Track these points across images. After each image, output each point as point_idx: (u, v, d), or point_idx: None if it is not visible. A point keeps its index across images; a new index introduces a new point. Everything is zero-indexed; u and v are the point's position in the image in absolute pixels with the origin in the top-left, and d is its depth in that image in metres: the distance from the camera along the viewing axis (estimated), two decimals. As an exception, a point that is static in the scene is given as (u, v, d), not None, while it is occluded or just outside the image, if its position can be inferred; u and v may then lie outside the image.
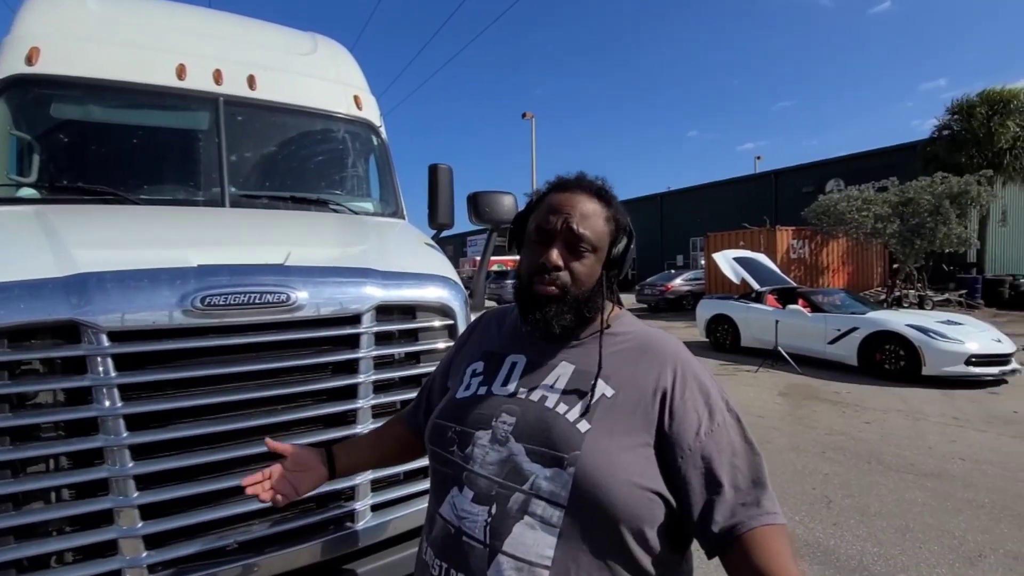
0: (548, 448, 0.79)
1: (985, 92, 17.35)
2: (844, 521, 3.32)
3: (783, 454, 4.55)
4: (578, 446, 0.77)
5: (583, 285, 0.87)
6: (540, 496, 0.77)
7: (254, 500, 1.33)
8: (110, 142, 2.31)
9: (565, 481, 0.76)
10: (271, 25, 3.13)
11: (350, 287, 1.50)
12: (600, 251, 0.88)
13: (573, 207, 0.87)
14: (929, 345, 6.88)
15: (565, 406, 0.83)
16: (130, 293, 1.22)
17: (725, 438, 0.80)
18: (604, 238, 0.88)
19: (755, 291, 9.52)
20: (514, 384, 0.89)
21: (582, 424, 0.80)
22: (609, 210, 0.90)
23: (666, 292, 18.61)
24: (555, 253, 0.85)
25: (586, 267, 0.87)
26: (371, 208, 2.84)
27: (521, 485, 0.78)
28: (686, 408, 0.81)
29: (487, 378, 0.92)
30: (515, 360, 0.92)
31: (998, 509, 3.44)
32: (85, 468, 1.19)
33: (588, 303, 0.88)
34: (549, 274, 0.85)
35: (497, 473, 0.81)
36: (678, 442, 0.79)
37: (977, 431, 5.05)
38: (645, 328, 0.94)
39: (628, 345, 0.89)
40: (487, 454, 0.83)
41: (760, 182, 28.13)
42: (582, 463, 0.76)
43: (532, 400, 0.85)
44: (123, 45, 2.32)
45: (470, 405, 0.90)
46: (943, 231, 13.55)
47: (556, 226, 0.86)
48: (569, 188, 0.90)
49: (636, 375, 0.85)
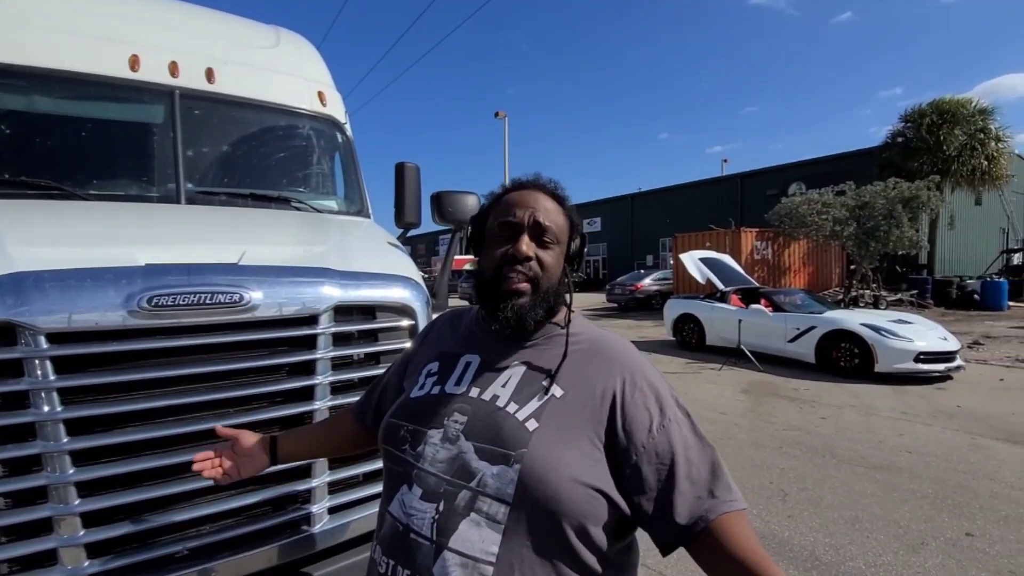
0: (496, 446, 0.80)
1: (935, 101, 18.25)
2: (799, 513, 3.44)
3: (744, 449, 4.69)
4: (525, 444, 0.79)
5: (552, 277, 0.89)
6: (486, 493, 0.78)
7: (205, 505, 1.32)
8: (57, 135, 2.21)
9: (511, 478, 0.77)
10: (232, 17, 3.04)
11: (307, 287, 1.48)
12: (563, 244, 0.91)
13: (536, 201, 0.89)
14: (881, 343, 7.19)
15: (516, 405, 0.84)
16: (71, 293, 1.18)
17: (677, 433, 0.82)
18: (565, 232, 0.92)
19: (720, 291, 9.76)
20: (467, 384, 0.90)
21: (531, 423, 0.81)
22: (565, 208, 0.93)
23: (635, 291, 18.91)
24: (526, 242, 0.86)
25: (553, 258, 0.89)
26: (335, 206, 2.80)
27: (468, 482, 0.79)
28: (637, 407, 0.83)
29: (441, 378, 0.93)
30: (469, 360, 0.93)
31: (939, 499, 3.63)
32: (22, 475, 1.14)
33: (556, 297, 0.90)
34: (521, 264, 0.86)
35: (446, 471, 0.82)
36: (631, 440, 0.80)
37: (924, 425, 5.32)
38: (596, 330, 0.95)
39: (579, 347, 0.90)
40: (437, 452, 0.84)
41: (727, 184, 28.88)
42: (528, 460, 0.77)
43: (484, 399, 0.86)
44: (72, 34, 2.22)
45: (423, 404, 0.90)
46: (896, 234, 14.19)
47: (523, 219, 0.87)
48: (528, 186, 0.93)
49: (586, 376, 0.86)
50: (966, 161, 17.43)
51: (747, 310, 9.00)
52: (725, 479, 0.82)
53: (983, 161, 17.48)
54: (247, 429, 1.12)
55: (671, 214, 29.46)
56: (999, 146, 17.80)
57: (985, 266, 20.94)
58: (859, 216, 14.88)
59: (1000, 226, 23.80)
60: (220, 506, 1.33)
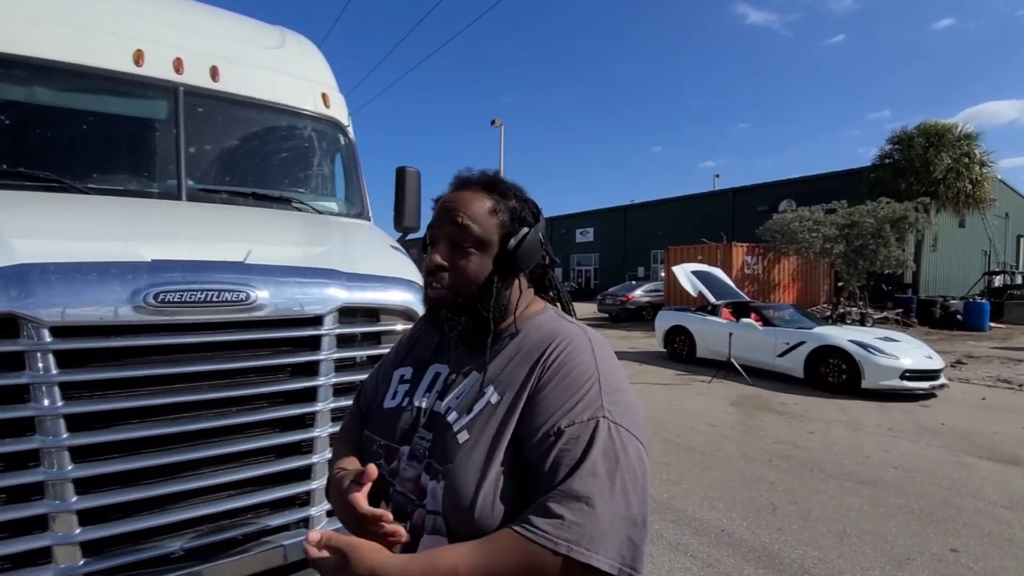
0: (436, 462, 0.77)
1: (922, 125, 18.65)
2: (788, 526, 3.46)
3: (733, 462, 4.71)
4: (452, 458, 0.75)
5: (471, 284, 0.82)
6: (431, 510, 0.76)
7: (202, 505, 1.30)
8: (59, 127, 2.19)
9: (439, 496, 0.74)
10: (238, 16, 3.04)
11: (313, 288, 1.47)
12: (489, 246, 0.83)
13: (455, 204, 0.83)
14: (868, 360, 7.28)
15: (456, 414, 0.80)
16: (76, 287, 1.16)
17: (570, 446, 0.70)
18: (492, 231, 0.83)
19: (711, 304, 9.83)
20: (433, 396, 0.86)
21: (462, 435, 0.77)
22: (502, 202, 0.85)
23: (627, 302, 18.97)
24: (436, 255, 0.82)
25: (472, 263, 0.82)
26: (336, 208, 2.80)
27: (422, 501, 0.77)
28: (544, 403, 0.74)
29: (411, 387, 0.90)
30: (438, 370, 0.90)
31: (925, 514, 3.67)
32: (19, 471, 1.12)
33: (482, 302, 0.82)
34: (433, 275, 0.82)
35: (412, 490, 0.79)
36: (529, 436, 0.72)
37: (909, 441, 5.38)
38: (557, 326, 0.84)
39: (526, 345, 0.82)
40: (406, 470, 0.81)
41: (718, 199, 29.19)
42: (449, 476, 0.74)
43: (440, 412, 0.83)
44: (77, 27, 2.21)
45: (394, 417, 0.88)
46: (883, 253, 14.41)
47: (438, 225, 0.83)
48: (458, 186, 0.87)
49: (517, 374, 0.79)
50: (951, 184, 17.79)
51: (738, 324, 9.07)
52: (576, 507, 0.65)
53: (968, 185, 17.84)
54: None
55: (663, 227, 29.69)
56: (983, 171, 18.18)
57: (968, 287, 21.33)
58: (848, 235, 15.10)
59: (983, 248, 24.29)
60: (218, 507, 1.31)
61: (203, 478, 1.29)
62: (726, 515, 3.64)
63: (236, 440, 1.35)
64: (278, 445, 1.42)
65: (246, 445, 1.35)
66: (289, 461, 1.43)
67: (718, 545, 3.21)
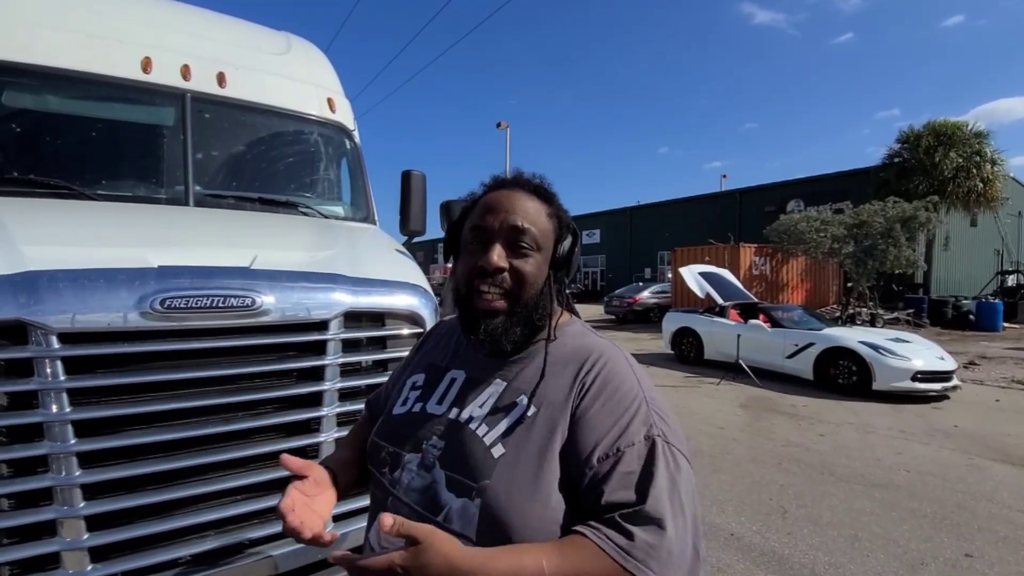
0: (463, 475, 0.72)
1: (931, 124, 18.48)
2: (798, 530, 3.42)
3: (742, 465, 4.67)
4: (488, 474, 0.70)
5: (530, 288, 0.78)
6: (451, 529, 0.69)
7: (209, 510, 1.30)
8: (67, 134, 2.22)
9: (472, 514, 0.69)
10: (244, 22, 3.07)
11: (319, 293, 1.48)
12: (545, 250, 0.80)
13: (512, 203, 0.79)
14: (879, 361, 7.20)
15: (486, 427, 0.75)
16: (84, 293, 1.17)
17: (625, 468, 0.68)
18: (549, 235, 0.81)
19: (719, 305, 9.77)
20: (448, 403, 0.82)
21: (496, 448, 0.72)
22: (551, 207, 0.83)
23: (634, 304, 18.92)
24: (496, 252, 0.76)
25: (532, 266, 0.78)
26: (342, 212, 2.81)
27: (436, 516, 0.72)
28: (593, 424, 0.71)
29: (424, 393, 0.86)
30: (455, 376, 0.86)
31: (938, 519, 3.61)
32: (28, 476, 1.13)
33: (537, 310, 0.79)
34: (492, 277, 0.76)
35: (418, 502, 0.75)
36: (578, 460, 0.69)
37: (921, 444, 5.31)
38: (590, 340, 0.84)
39: (561, 356, 0.80)
40: (412, 480, 0.77)
41: (725, 200, 29.06)
42: (489, 494, 0.69)
43: (460, 421, 0.78)
44: (85, 35, 2.23)
45: (404, 424, 0.84)
46: (893, 253, 14.27)
47: (494, 224, 0.78)
48: (506, 186, 0.83)
49: (557, 388, 0.76)
50: (962, 183, 17.60)
51: (746, 325, 9.00)
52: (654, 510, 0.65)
53: (978, 183, 17.65)
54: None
55: (670, 228, 29.59)
56: (994, 169, 17.98)
57: (980, 287, 21.07)
58: (857, 235, 14.97)
59: (995, 247, 23.99)
60: (225, 512, 1.32)
61: (210, 483, 1.30)
62: (735, 519, 3.61)
63: (243, 445, 1.35)
64: (284, 450, 1.42)
65: (252, 450, 1.36)
66: (295, 466, 1.43)
67: (727, 549, 3.18)
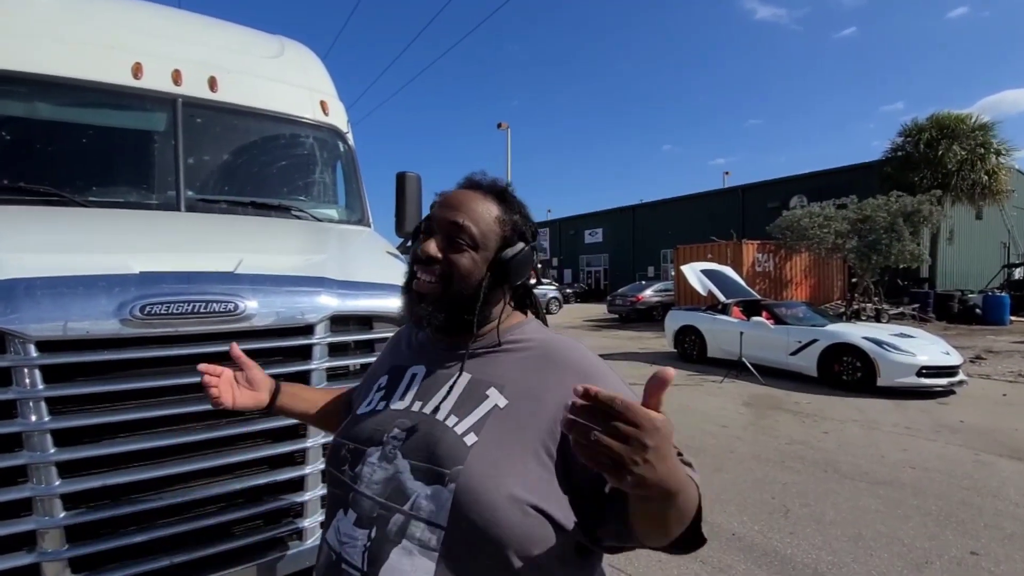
0: (432, 464, 0.73)
1: (934, 116, 18.33)
2: (801, 530, 3.39)
3: (745, 463, 4.64)
4: (462, 460, 0.71)
5: (461, 281, 0.81)
6: (419, 517, 0.71)
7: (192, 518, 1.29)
8: (58, 141, 2.22)
9: (445, 499, 0.70)
10: (236, 26, 3.06)
11: (303, 296, 1.46)
12: (485, 249, 0.82)
13: (461, 201, 0.83)
14: (884, 357, 7.14)
15: (455, 418, 0.77)
16: (63, 301, 1.16)
17: None
18: (491, 236, 0.83)
19: (721, 303, 9.73)
20: (410, 396, 0.84)
21: (469, 437, 0.74)
22: (507, 213, 0.85)
23: (637, 303, 18.86)
24: (432, 244, 0.82)
25: (467, 261, 0.81)
26: (336, 215, 2.80)
27: (402, 505, 0.73)
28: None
29: (387, 392, 0.88)
30: (415, 372, 0.88)
31: (944, 516, 3.57)
32: (6, 487, 1.12)
33: (467, 303, 0.81)
34: (426, 264, 0.82)
35: (381, 493, 0.75)
36: None
37: (927, 440, 5.26)
38: (551, 336, 0.87)
39: (530, 353, 0.83)
40: (374, 472, 0.77)
41: (728, 197, 28.93)
42: (464, 478, 0.70)
43: (425, 412, 0.80)
44: (75, 42, 2.23)
45: (366, 421, 0.85)
46: (897, 247, 14.16)
47: (437, 218, 0.83)
48: (466, 186, 0.87)
49: (535, 383, 0.78)
50: (966, 176, 17.45)
51: (749, 322, 8.95)
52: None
53: (983, 176, 17.50)
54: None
55: (673, 226, 29.51)
56: (999, 161, 17.83)
57: (986, 280, 20.89)
58: (861, 229, 14.88)
59: (1001, 240, 23.79)
60: (210, 520, 1.30)
61: (194, 491, 1.28)
62: (737, 518, 3.57)
63: (227, 452, 1.34)
64: (269, 456, 1.41)
65: (237, 457, 1.34)
66: (281, 472, 1.42)
67: (729, 549, 3.15)
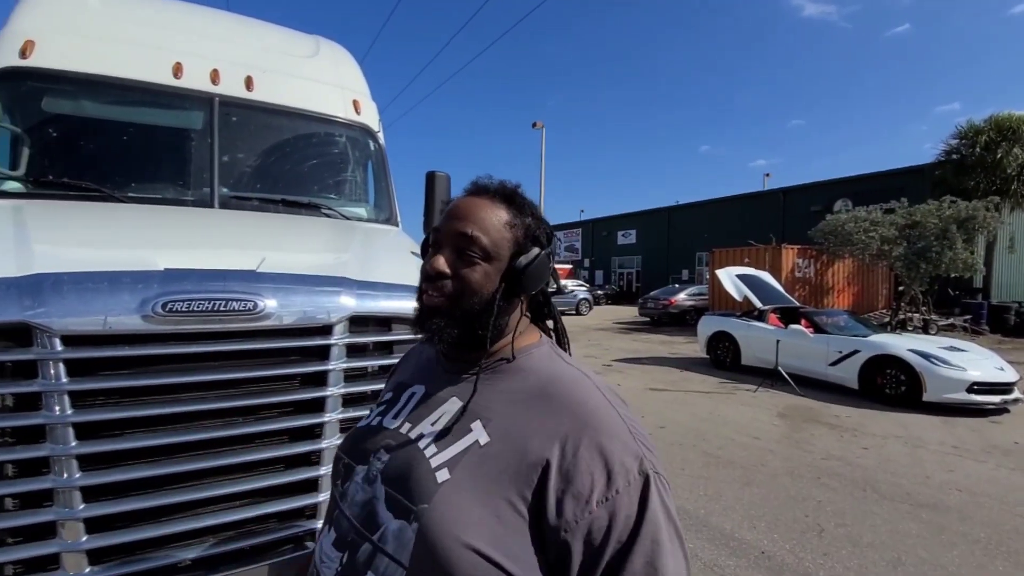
0: (402, 495, 0.69)
1: (993, 118, 17.26)
2: (835, 551, 3.23)
3: (778, 478, 4.46)
4: (428, 498, 0.67)
5: (472, 296, 0.76)
6: (385, 551, 0.68)
7: (208, 515, 1.30)
8: (101, 138, 2.29)
9: (408, 539, 0.66)
10: (274, 27, 3.12)
11: (322, 296, 1.46)
12: (497, 259, 0.77)
13: (469, 210, 0.78)
14: (931, 371, 6.78)
15: (434, 448, 0.72)
16: (87, 296, 1.18)
17: (622, 511, 0.64)
18: (503, 244, 0.78)
19: (757, 309, 9.43)
20: (403, 417, 0.80)
21: (442, 472, 0.69)
22: (518, 217, 0.80)
23: (669, 306, 18.54)
24: (440, 258, 0.76)
25: (478, 275, 0.76)
26: (364, 214, 2.81)
27: (372, 534, 0.70)
28: (578, 469, 0.65)
29: (386, 409, 0.85)
30: (415, 391, 0.84)
31: (993, 544, 3.34)
32: (28, 478, 1.15)
33: (480, 317, 0.76)
34: (434, 281, 0.77)
35: (357, 516, 0.73)
36: (562, 513, 0.64)
37: (976, 461, 4.95)
38: (559, 367, 0.79)
39: (525, 385, 0.75)
40: (356, 493, 0.75)
41: (768, 199, 28.08)
42: (427, 520, 0.65)
43: (410, 437, 0.76)
44: (120, 42, 2.31)
45: (361, 436, 0.83)
46: (949, 256, 13.42)
47: (446, 230, 0.78)
48: (473, 192, 0.82)
49: (523, 423, 0.70)
50: (1027, 181, 16.41)
51: (786, 330, 8.65)
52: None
53: (1046, 181, 16.41)
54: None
55: (709, 228, 28.84)
56: (1066, 165, 16.68)
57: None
58: (909, 236, 14.17)
59: (1066, 250, 22.27)
60: (225, 517, 1.31)
61: (210, 488, 1.29)
62: (767, 535, 3.43)
63: (244, 450, 1.34)
64: (286, 456, 1.41)
65: (254, 456, 1.35)
66: (297, 472, 1.42)
67: (757, 568, 3.02)
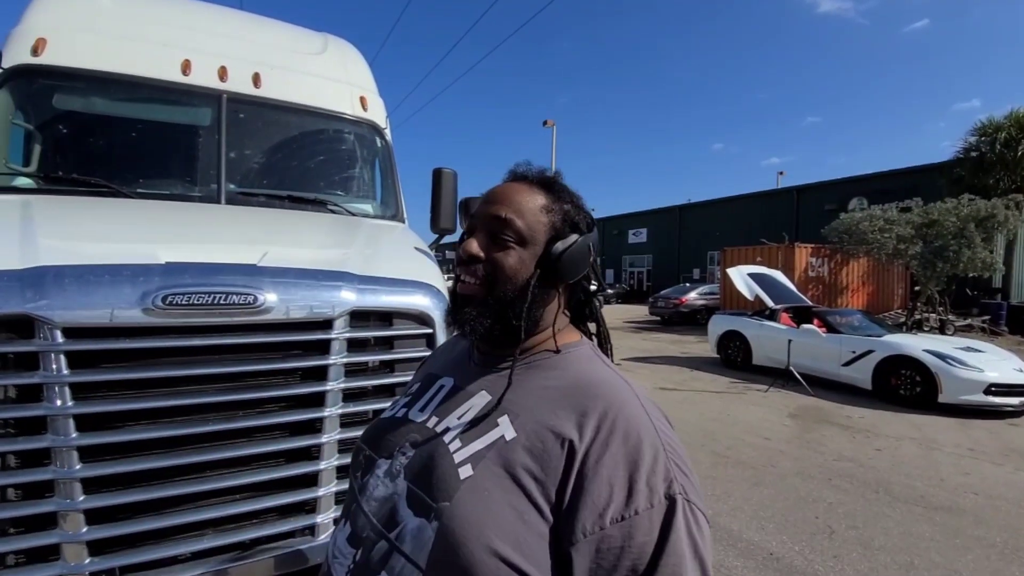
0: (424, 491, 0.66)
1: (1014, 113, 16.86)
2: (846, 554, 3.18)
3: (788, 479, 4.40)
4: (450, 496, 0.63)
5: (506, 282, 0.73)
6: (401, 551, 0.64)
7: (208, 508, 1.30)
8: (111, 135, 2.32)
9: (427, 539, 0.62)
10: (282, 24, 3.13)
11: (323, 291, 1.46)
12: (533, 244, 0.74)
13: (505, 194, 0.76)
14: (947, 372, 6.64)
15: (459, 443, 0.69)
16: (89, 289, 1.19)
17: (639, 535, 0.58)
18: (539, 229, 0.75)
19: (769, 308, 9.32)
20: (430, 410, 0.77)
21: (465, 468, 0.65)
22: (556, 203, 0.77)
23: (680, 305, 18.38)
24: (473, 242, 0.74)
25: (513, 259, 0.73)
26: (371, 210, 2.81)
27: (390, 532, 0.67)
28: (598, 475, 0.60)
29: (412, 400, 0.83)
30: (443, 383, 0.82)
31: (1010, 550, 3.26)
32: (29, 468, 1.16)
33: (514, 305, 0.73)
34: (468, 265, 0.74)
35: (376, 512, 0.70)
36: (574, 520, 0.59)
37: (993, 464, 4.84)
38: (597, 369, 0.74)
39: (561, 382, 0.71)
40: (377, 487, 0.72)
41: (781, 197, 27.71)
42: (448, 518, 0.62)
43: (437, 432, 0.73)
44: (130, 40, 2.33)
45: (385, 428, 0.80)
46: (967, 255, 13.14)
47: (479, 214, 0.76)
48: (511, 178, 0.80)
49: (551, 421, 0.66)
50: (1050, 179, 16.02)
51: (798, 330, 8.53)
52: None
53: (1070, 179, 16.01)
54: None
55: (721, 227, 28.54)
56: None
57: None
58: (926, 235, 13.91)
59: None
60: (225, 510, 1.31)
61: (210, 481, 1.30)
62: (776, 537, 3.39)
63: (243, 444, 1.35)
64: (286, 450, 1.41)
65: (253, 449, 1.35)
66: (296, 466, 1.42)
67: (765, 570, 2.98)
